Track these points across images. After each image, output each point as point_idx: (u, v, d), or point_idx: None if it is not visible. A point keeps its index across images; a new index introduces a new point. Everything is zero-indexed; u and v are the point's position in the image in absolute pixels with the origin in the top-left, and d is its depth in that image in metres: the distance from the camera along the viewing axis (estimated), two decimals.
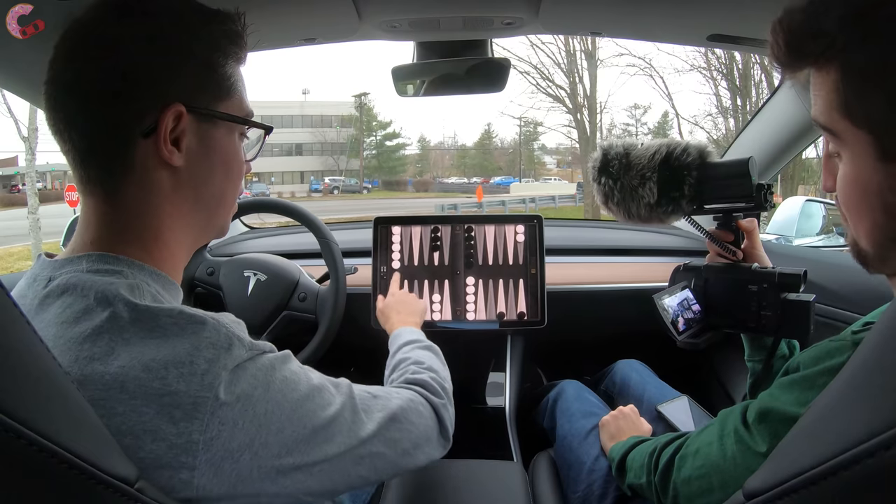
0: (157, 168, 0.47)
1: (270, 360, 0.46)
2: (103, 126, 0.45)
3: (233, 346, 0.43)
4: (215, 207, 0.53)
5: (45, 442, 0.30)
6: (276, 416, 0.44)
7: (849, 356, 0.48)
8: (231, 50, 0.50)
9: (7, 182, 24.62)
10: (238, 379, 0.42)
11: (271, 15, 0.85)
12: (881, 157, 0.42)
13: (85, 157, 0.46)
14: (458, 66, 1.07)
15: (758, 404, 0.57)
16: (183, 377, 0.40)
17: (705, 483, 0.59)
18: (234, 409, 0.41)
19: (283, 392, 0.45)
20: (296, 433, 0.45)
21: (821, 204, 2.55)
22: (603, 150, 0.80)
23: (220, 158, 0.51)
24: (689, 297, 0.80)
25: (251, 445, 0.42)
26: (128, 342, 0.41)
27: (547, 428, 1.12)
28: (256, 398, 0.43)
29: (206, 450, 0.40)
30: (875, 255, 0.46)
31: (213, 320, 0.43)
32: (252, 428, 0.42)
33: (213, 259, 1.25)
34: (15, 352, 0.31)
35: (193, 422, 0.40)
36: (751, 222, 0.81)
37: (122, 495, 0.35)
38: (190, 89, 0.47)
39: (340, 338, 1.18)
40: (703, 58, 12.29)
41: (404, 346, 0.82)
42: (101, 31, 0.45)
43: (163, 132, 0.45)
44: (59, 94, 0.45)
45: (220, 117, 0.49)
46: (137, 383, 0.39)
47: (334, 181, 30.68)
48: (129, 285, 0.44)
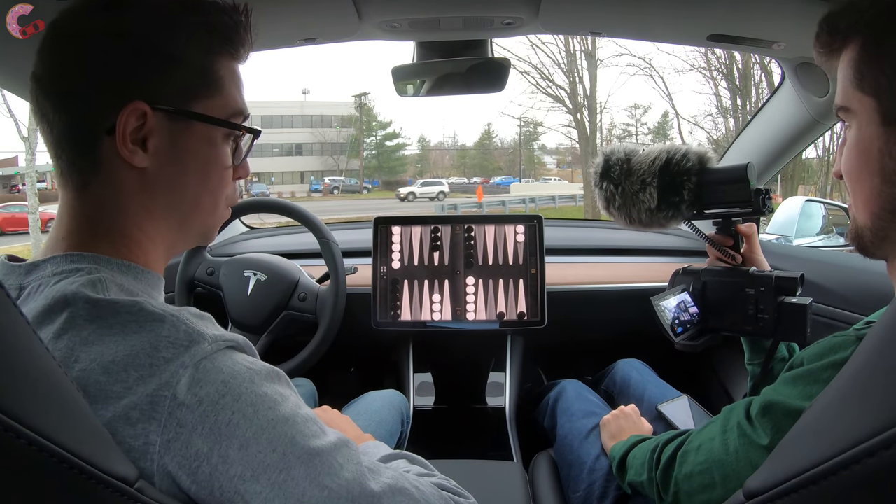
0: (122, 167, 0.45)
1: (252, 369, 0.41)
2: (69, 121, 0.44)
3: (193, 342, 0.40)
4: (189, 213, 0.49)
5: (45, 442, 0.30)
6: (241, 430, 0.39)
7: (852, 351, 0.48)
8: (214, 44, 0.47)
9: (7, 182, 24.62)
10: (204, 380, 0.39)
11: (271, 15, 0.85)
12: (883, 122, 0.45)
13: (57, 151, 0.45)
14: (458, 66, 1.07)
15: (761, 399, 0.57)
16: (142, 379, 0.38)
17: (707, 478, 0.60)
18: (194, 412, 0.38)
19: (256, 406, 0.40)
20: (261, 455, 0.39)
21: (821, 204, 2.56)
22: (605, 156, 0.81)
23: (194, 162, 0.47)
24: (687, 299, 0.81)
25: (209, 457, 0.38)
26: (86, 341, 0.39)
27: (547, 427, 1.12)
28: (222, 406, 0.39)
29: (163, 453, 0.38)
30: (874, 231, 0.48)
31: (172, 317, 0.40)
32: (212, 436, 0.38)
33: (213, 259, 1.25)
34: (14, 352, 0.31)
35: (151, 422, 0.37)
36: (749, 227, 0.82)
37: (122, 495, 0.35)
38: (159, 87, 0.45)
39: (340, 338, 1.18)
40: (703, 58, 12.31)
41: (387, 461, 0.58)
42: (72, 25, 0.44)
43: (121, 130, 0.43)
44: (34, 88, 0.45)
45: (194, 118, 0.46)
46: (98, 387, 0.38)
47: (334, 181, 30.67)
48: (91, 281, 0.42)
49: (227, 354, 0.41)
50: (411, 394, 1.28)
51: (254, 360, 0.43)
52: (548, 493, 0.96)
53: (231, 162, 0.51)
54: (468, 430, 1.24)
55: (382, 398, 1.08)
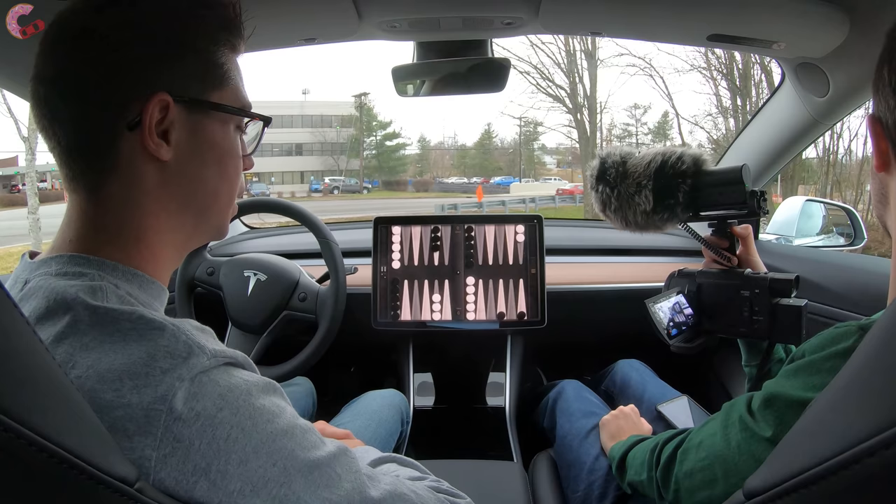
0: (143, 163, 0.45)
1: (249, 382, 0.41)
2: (87, 120, 0.44)
3: (192, 354, 0.39)
4: (207, 206, 0.50)
5: (45, 442, 0.30)
6: (241, 445, 0.38)
7: (854, 340, 0.48)
8: (222, 36, 0.47)
9: (7, 182, 24.61)
10: (202, 393, 0.38)
11: (271, 15, 0.85)
12: None
13: (70, 153, 0.44)
14: (458, 66, 1.07)
15: (763, 392, 0.57)
16: (137, 388, 0.37)
17: (708, 474, 0.60)
18: (191, 427, 0.37)
19: (255, 420, 0.39)
20: (262, 470, 0.39)
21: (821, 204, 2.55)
22: (601, 159, 0.82)
23: (212, 152, 0.48)
24: (682, 301, 0.81)
25: (207, 472, 0.37)
26: (86, 347, 0.39)
27: (547, 428, 1.13)
28: (220, 420, 0.38)
29: (159, 468, 0.37)
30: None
31: (173, 326, 0.40)
32: (209, 452, 0.37)
33: (213, 259, 1.25)
34: (15, 352, 0.31)
35: (147, 436, 0.37)
36: (745, 229, 0.83)
37: (122, 495, 0.35)
38: (177, 78, 0.45)
39: (340, 338, 1.18)
40: (703, 58, 12.29)
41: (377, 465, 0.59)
42: (81, 23, 0.43)
43: (147, 123, 0.43)
44: (42, 89, 0.44)
45: (212, 107, 0.47)
46: (91, 395, 0.37)
47: (334, 181, 30.64)
48: (91, 287, 0.41)
49: (225, 370, 0.40)
50: (411, 394, 1.28)
51: (250, 373, 0.43)
52: (547, 493, 0.96)
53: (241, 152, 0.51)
54: (468, 430, 1.24)
55: (382, 398, 1.08)
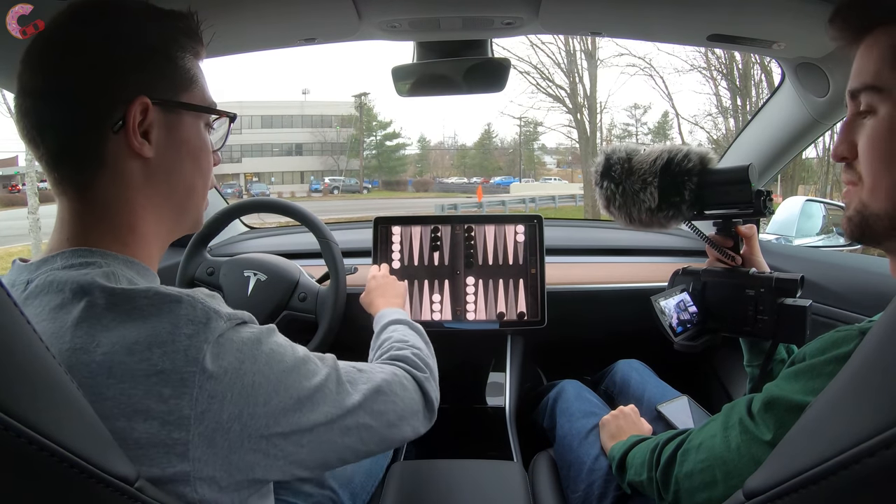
0: (129, 161, 0.49)
1: (256, 333, 0.47)
2: (74, 125, 0.47)
3: (210, 319, 0.44)
4: (186, 198, 0.55)
5: (45, 441, 0.30)
6: (263, 388, 0.45)
7: (855, 345, 0.48)
8: (188, 44, 0.53)
9: (7, 182, 24.60)
10: (224, 351, 0.44)
11: (272, 15, 0.85)
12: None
13: (59, 159, 0.48)
14: (458, 66, 1.07)
15: (763, 395, 0.57)
16: (167, 355, 0.41)
17: (708, 476, 0.60)
18: (221, 382, 0.43)
19: (270, 364, 0.47)
20: (282, 403, 0.47)
21: (821, 204, 2.55)
22: (606, 155, 0.81)
23: (187, 148, 0.53)
24: (687, 299, 0.81)
25: (240, 417, 0.44)
26: (107, 328, 0.42)
27: (547, 428, 1.12)
28: (244, 371, 0.44)
29: (198, 423, 0.41)
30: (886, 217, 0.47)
31: (189, 297, 0.45)
32: (240, 400, 0.44)
33: (213, 259, 1.24)
34: (15, 351, 0.31)
35: (183, 397, 0.41)
36: (750, 228, 0.82)
37: (122, 494, 0.35)
38: (153, 82, 0.49)
39: (340, 338, 1.18)
40: (703, 58, 12.28)
41: (388, 325, 0.85)
42: (63, 37, 0.47)
43: (132, 124, 0.48)
44: (29, 101, 0.48)
45: (184, 107, 0.52)
46: (124, 367, 0.41)
47: (334, 181, 30.64)
48: (105, 273, 0.45)
49: (239, 329, 0.46)
50: None
51: (253, 325, 0.49)
52: (547, 493, 0.96)
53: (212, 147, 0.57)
54: (468, 430, 1.24)
55: None
